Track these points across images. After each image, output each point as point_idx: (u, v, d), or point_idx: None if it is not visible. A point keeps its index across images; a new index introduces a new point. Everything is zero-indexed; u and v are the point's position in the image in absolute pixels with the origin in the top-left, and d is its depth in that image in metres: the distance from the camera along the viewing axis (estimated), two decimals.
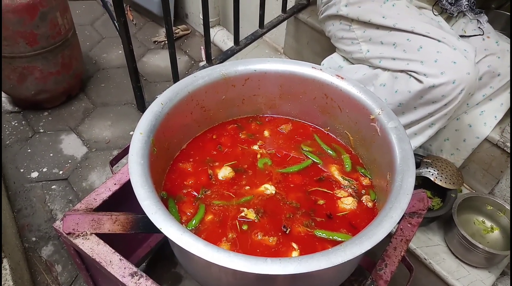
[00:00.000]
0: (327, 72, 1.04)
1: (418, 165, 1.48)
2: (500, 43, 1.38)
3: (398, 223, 1.03)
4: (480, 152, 1.48)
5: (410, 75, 1.30)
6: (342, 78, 1.02)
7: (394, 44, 1.34)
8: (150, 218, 0.73)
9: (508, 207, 1.39)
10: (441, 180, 1.42)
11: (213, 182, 0.94)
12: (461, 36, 1.39)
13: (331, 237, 0.85)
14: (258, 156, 1.02)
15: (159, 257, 1.37)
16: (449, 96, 1.24)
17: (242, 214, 0.86)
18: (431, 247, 1.41)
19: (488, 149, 1.46)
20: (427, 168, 1.46)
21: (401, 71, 1.33)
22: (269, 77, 1.06)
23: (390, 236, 0.99)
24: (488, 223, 1.44)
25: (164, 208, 0.75)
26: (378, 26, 1.38)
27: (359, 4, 1.40)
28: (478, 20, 1.44)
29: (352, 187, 0.98)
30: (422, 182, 1.52)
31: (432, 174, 1.43)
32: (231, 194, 0.92)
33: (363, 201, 0.95)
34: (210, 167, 0.98)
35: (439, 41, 1.28)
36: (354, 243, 0.73)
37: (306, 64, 1.05)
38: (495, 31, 1.45)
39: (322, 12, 1.52)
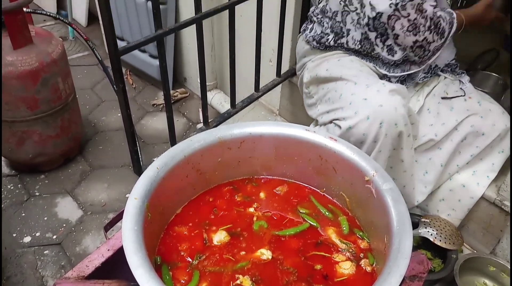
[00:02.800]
0: (320, 134, 1.06)
1: (416, 225, 1.46)
2: (482, 103, 1.41)
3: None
4: (478, 211, 1.47)
5: (335, 123, 1.31)
6: (335, 140, 1.04)
7: (328, 97, 1.38)
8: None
9: None
10: (440, 241, 1.40)
11: (208, 247, 0.92)
12: (443, 98, 1.42)
13: None
14: (254, 218, 1.01)
15: None
16: (370, 133, 1.22)
17: (238, 281, 0.84)
18: None
19: (486, 208, 1.45)
20: (426, 228, 1.44)
21: (330, 121, 1.35)
22: (264, 139, 1.08)
23: None
24: (487, 282, 1.40)
25: (157, 277, 0.73)
26: (324, 83, 1.42)
27: (318, 65, 1.46)
28: (460, 80, 1.48)
29: (350, 250, 0.96)
30: (421, 243, 1.50)
31: (431, 234, 1.41)
32: (227, 259, 0.90)
33: (362, 265, 0.93)
34: (205, 231, 0.97)
35: (355, 83, 1.30)
36: None
37: (299, 127, 1.08)
38: (478, 91, 1.49)
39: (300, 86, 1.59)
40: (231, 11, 1.43)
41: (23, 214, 1.78)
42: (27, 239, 1.68)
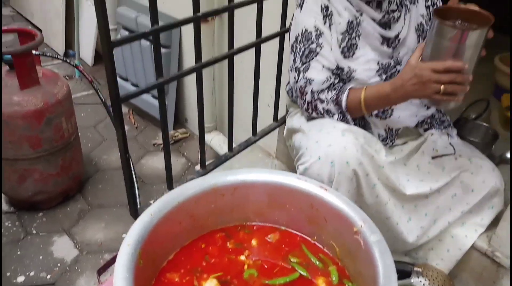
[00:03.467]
0: (312, 183, 1.09)
1: (408, 274, 1.46)
2: (473, 160, 1.42)
3: None
4: (470, 261, 1.48)
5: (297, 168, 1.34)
6: (325, 189, 1.07)
7: (295, 146, 1.45)
8: None
9: None
10: None
11: None
12: (433, 157, 1.43)
13: None
14: (245, 266, 1.03)
15: None
16: (323, 173, 1.21)
17: None
18: None
19: (477, 258, 1.46)
20: (418, 277, 1.44)
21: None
22: (257, 187, 1.11)
23: None
24: None
25: None
26: (294, 133, 1.49)
27: (291, 118, 1.54)
28: (448, 134, 1.51)
29: None
30: None
31: (423, 284, 1.41)
32: None
33: None
34: (196, 278, 0.98)
35: (310, 130, 1.35)
36: None
37: (291, 175, 1.11)
38: (467, 145, 1.50)
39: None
40: (230, 60, 1.49)
41: (19, 253, 1.79)
42: (21, 278, 1.68)
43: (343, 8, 1.30)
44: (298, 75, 1.35)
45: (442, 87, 1.09)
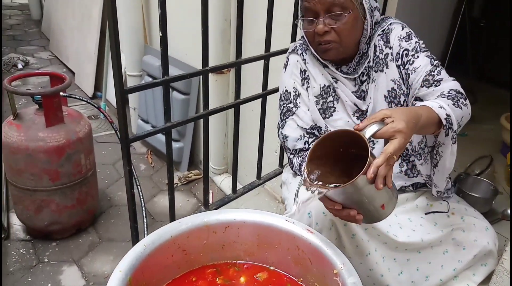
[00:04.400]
0: (298, 226, 1.15)
1: None
2: (465, 218, 1.43)
3: None
4: None
5: None
6: (311, 232, 1.13)
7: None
8: None
9: None
10: None
11: None
12: (426, 213, 1.43)
13: None
14: None
15: None
16: (302, 223, 1.22)
17: None
18: None
19: None
20: None
21: None
22: (247, 226, 1.18)
23: None
24: None
25: None
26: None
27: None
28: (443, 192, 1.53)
29: None
30: None
31: None
32: None
33: None
34: None
35: (290, 183, 1.44)
36: None
37: (280, 217, 1.18)
38: (462, 203, 1.50)
39: None
40: (237, 109, 1.61)
41: (29, 279, 1.88)
42: None
43: (319, 73, 1.38)
44: (278, 130, 1.45)
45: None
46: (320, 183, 1.02)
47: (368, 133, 0.97)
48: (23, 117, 1.99)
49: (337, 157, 1.07)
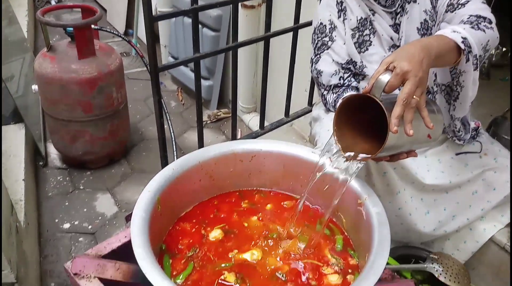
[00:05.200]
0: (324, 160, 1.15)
1: (424, 260, 1.49)
2: (498, 160, 1.39)
3: None
4: (488, 254, 1.48)
5: None
6: None
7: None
8: (139, 263, 0.84)
9: None
10: (445, 278, 1.41)
11: (204, 243, 1.03)
12: (457, 154, 1.40)
13: None
14: (253, 222, 1.11)
15: None
16: None
17: (222, 277, 0.94)
18: None
19: (496, 252, 1.46)
20: (433, 263, 1.46)
21: None
22: (274, 156, 1.19)
23: None
24: None
25: (153, 257, 0.85)
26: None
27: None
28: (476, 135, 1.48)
29: (339, 265, 1.03)
30: (427, 278, 1.52)
31: (437, 270, 1.43)
32: (219, 255, 1.00)
33: (348, 279, 1.00)
34: (204, 228, 1.08)
35: (324, 118, 1.42)
36: None
37: (306, 148, 1.18)
38: (496, 144, 1.46)
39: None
40: (266, 42, 1.57)
41: (67, 204, 1.99)
42: (66, 225, 1.87)
43: (356, 5, 1.31)
44: (311, 65, 1.40)
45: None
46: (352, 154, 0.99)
47: (377, 91, 0.91)
48: (56, 49, 2.02)
49: (361, 124, 1.03)
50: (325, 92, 1.40)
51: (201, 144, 1.60)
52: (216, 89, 2.79)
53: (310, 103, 1.96)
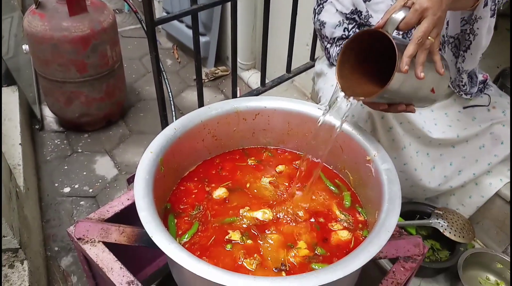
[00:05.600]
0: (331, 114, 1.11)
1: (429, 216, 1.48)
2: (507, 113, 1.36)
3: (393, 264, 1.05)
4: (493, 208, 1.47)
5: None
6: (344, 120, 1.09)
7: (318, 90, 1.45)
8: (144, 226, 0.81)
9: None
10: (450, 233, 1.41)
11: (208, 201, 1.01)
12: (464, 107, 1.37)
13: None
14: (259, 180, 1.09)
15: (168, 279, 1.42)
16: None
17: (227, 236, 0.92)
18: None
19: (501, 206, 1.45)
20: (437, 219, 1.46)
21: None
22: (278, 114, 1.15)
23: (382, 276, 1.01)
24: (493, 279, 1.41)
25: (159, 220, 0.83)
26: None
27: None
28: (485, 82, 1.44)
29: (348, 222, 1.02)
30: (432, 233, 1.52)
31: (442, 226, 1.43)
32: (225, 213, 0.98)
33: (357, 235, 0.99)
34: (208, 187, 1.05)
35: (326, 73, 1.37)
36: (328, 271, 0.77)
37: (312, 105, 1.13)
38: (505, 97, 1.42)
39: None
40: None
41: (66, 167, 1.96)
42: (67, 189, 1.85)
43: None
44: (314, 16, 1.33)
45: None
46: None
47: (390, 27, 0.85)
48: (45, 6, 1.92)
49: (368, 65, 0.96)
50: (328, 45, 1.34)
51: (201, 103, 1.55)
52: (213, 45, 2.70)
53: (313, 58, 1.90)
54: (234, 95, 1.65)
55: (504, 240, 1.48)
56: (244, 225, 0.96)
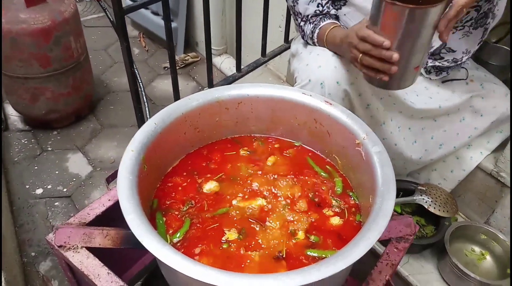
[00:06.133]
0: (316, 98, 1.07)
1: (412, 192, 1.49)
2: (485, 85, 1.38)
3: (385, 246, 1.05)
4: (474, 181, 1.49)
5: None
6: (330, 104, 1.06)
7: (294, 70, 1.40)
8: (133, 231, 0.76)
9: (502, 237, 1.39)
10: (434, 208, 1.43)
11: (199, 196, 0.97)
12: (443, 81, 1.38)
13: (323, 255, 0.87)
14: (248, 170, 1.05)
15: (154, 276, 1.38)
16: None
17: (224, 238, 0.88)
18: (423, 275, 1.40)
19: (482, 178, 1.47)
20: (421, 195, 1.46)
21: None
22: (261, 101, 1.11)
23: (376, 259, 1.00)
24: (478, 250, 1.44)
25: (148, 222, 0.78)
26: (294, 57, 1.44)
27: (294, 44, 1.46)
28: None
29: (341, 207, 1.00)
30: (416, 209, 1.53)
31: (426, 202, 1.44)
32: (216, 207, 0.94)
33: (350, 222, 0.97)
34: (198, 180, 1.01)
35: (302, 52, 1.31)
36: (329, 262, 0.75)
37: (296, 90, 1.10)
38: (481, 70, 1.44)
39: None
40: None
41: (36, 168, 1.86)
42: (39, 191, 1.76)
43: None
44: None
45: (360, 55, 1.00)
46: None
47: None
48: None
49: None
50: (302, 23, 1.30)
51: (176, 94, 1.49)
52: (181, 31, 2.61)
53: (287, 40, 1.85)
54: (210, 83, 1.59)
55: (485, 211, 1.51)
56: (239, 217, 0.93)
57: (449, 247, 1.35)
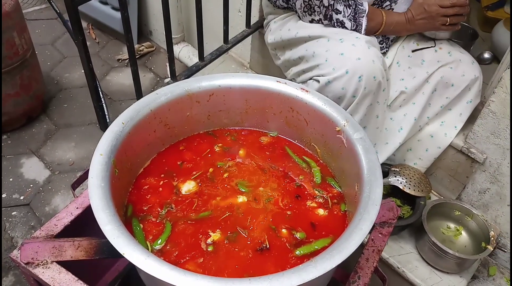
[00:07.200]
0: (292, 86, 1.03)
1: (386, 174, 1.49)
2: (452, 53, 1.40)
3: (369, 233, 1.03)
4: (445, 158, 1.51)
5: (314, 80, 1.31)
6: (307, 91, 1.02)
7: (300, 58, 1.38)
8: (112, 243, 0.70)
9: (475, 212, 1.42)
10: (409, 188, 1.43)
11: (178, 198, 0.91)
12: (413, 51, 1.42)
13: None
14: (226, 166, 1.00)
15: (129, 280, 1.31)
16: (349, 87, 1.21)
17: (209, 240, 0.83)
18: (403, 256, 1.41)
19: (453, 155, 1.49)
20: (395, 176, 1.47)
21: (309, 79, 1.35)
22: (234, 92, 1.05)
23: (362, 247, 0.98)
24: (453, 226, 1.46)
25: (127, 232, 0.72)
26: (291, 45, 1.42)
27: (280, 28, 1.45)
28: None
29: (324, 197, 0.97)
30: (391, 191, 1.53)
31: (401, 183, 1.45)
32: (197, 208, 0.89)
33: (334, 212, 0.95)
34: (174, 181, 0.95)
35: (328, 39, 1.29)
36: (325, 258, 0.72)
37: (270, 78, 1.05)
38: (449, 41, 1.47)
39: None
40: None
41: None
42: None
43: None
44: None
45: (448, 19, 1.29)
46: None
47: None
48: None
49: None
50: (333, 6, 1.28)
51: (137, 87, 1.40)
52: (133, 20, 2.48)
53: (248, 25, 1.79)
54: (173, 74, 1.51)
55: (457, 188, 1.54)
56: (221, 216, 0.88)
57: (427, 225, 1.36)
